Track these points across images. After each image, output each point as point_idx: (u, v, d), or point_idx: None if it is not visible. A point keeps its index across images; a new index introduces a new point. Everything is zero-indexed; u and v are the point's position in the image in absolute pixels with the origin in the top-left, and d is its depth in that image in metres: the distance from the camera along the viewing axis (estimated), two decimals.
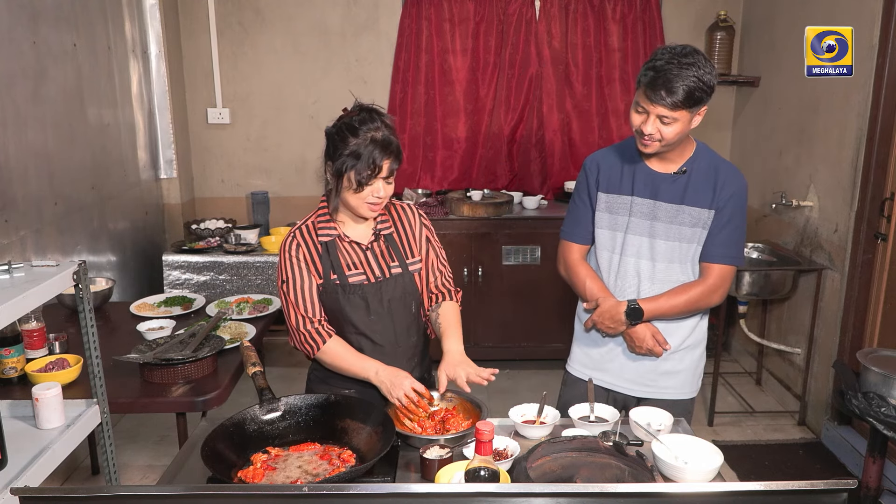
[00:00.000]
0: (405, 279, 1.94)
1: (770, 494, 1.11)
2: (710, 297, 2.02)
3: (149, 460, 3.31)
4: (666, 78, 1.79)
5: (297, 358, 4.52)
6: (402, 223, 2.00)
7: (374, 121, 1.85)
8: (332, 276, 1.89)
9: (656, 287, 2.04)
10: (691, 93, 1.80)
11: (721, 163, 2.04)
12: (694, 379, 2.17)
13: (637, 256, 2.05)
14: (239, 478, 1.59)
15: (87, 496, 1.13)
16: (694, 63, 1.80)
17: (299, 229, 1.94)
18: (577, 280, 2.14)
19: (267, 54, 4.35)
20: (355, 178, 1.81)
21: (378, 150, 1.80)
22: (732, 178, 2.01)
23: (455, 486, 1.40)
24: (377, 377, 1.83)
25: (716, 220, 1.99)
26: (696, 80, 1.79)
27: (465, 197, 4.19)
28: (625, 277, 2.07)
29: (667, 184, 2.00)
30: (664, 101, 1.81)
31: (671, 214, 2.00)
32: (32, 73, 2.88)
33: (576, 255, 2.16)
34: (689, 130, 1.93)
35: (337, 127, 1.89)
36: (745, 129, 4.40)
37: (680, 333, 2.10)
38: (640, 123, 1.89)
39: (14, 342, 2.25)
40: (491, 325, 4.10)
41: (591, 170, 2.12)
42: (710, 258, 2.02)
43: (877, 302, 3.21)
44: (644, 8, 4.24)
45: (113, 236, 3.63)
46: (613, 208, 2.07)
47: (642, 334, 2.05)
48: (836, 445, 3.41)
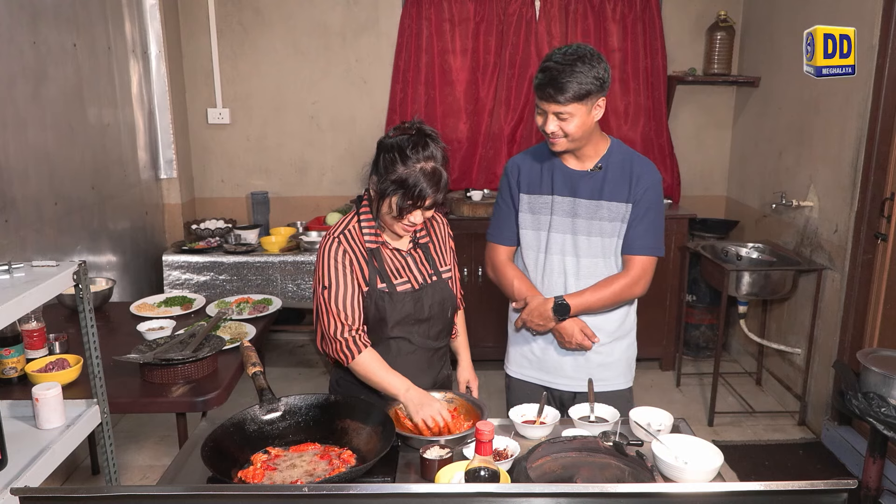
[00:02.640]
0: (443, 286, 1.98)
1: (770, 494, 1.11)
2: (633, 289, 2.06)
3: (149, 460, 3.31)
4: (552, 76, 1.88)
5: (297, 358, 4.52)
6: (435, 232, 2.04)
7: (427, 148, 1.78)
8: (381, 285, 1.88)
9: (582, 282, 2.08)
10: (578, 87, 1.87)
11: (635, 157, 2.08)
12: (627, 369, 2.21)
13: (562, 254, 2.09)
14: (239, 478, 1.59)
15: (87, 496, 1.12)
16: (579, 59, 1.88)
17: (343, 234, 1.89)
18: (505, 281, 2.18)
19: (267, 54, 4.35)
20: (396, 206, 1.79)
21: (425, 184, 1.76)
22: (647, 172, 2.04)
23: (455, 486, 1.40)
24: (406, 395, 1.83)
25: (633, 213, 2.03)
26: (581, 76, 1.87)
27: (465, 197, 4.19)
28: (551, 275, 2.11)
29: (584, 181, 2.05)
30: (554, 98, 1.90)
31: (591, 210, 2.04)
32: (32, 73, 2.88)
33: (503, 257, 2.21)
34: (596, 125, 1.99)
35: (388, 145, 1.80)
36: (745, 129, 4.40)
37: (608, 326, 2.14)
38: (542, 124, 1.98)
39: (14, 342, 2.25)
40: (491, 325, 4.10)
41: (512, 172, 2.17)
42: (630, 250, 2.06)
43: (877, 302, 3.22)
44: (644, 8, 4.24)
45: (113, 236, 3.62)
46: (535, 208, 2.12)
47: (570, 329, 2.08)
48: (836, 445, 3.41)
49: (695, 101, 4.52)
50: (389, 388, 1.85)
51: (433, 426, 1.79)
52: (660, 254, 2.08)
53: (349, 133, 4.46)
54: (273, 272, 3.80)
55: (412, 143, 1.78)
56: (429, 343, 1.98)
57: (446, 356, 2.12)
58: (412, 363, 1.95)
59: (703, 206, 4.53)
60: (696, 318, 4.38)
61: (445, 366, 2.11)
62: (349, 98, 4.42)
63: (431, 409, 1.81)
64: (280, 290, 3.78)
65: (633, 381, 2.24)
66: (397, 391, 1.84)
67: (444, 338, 2.05)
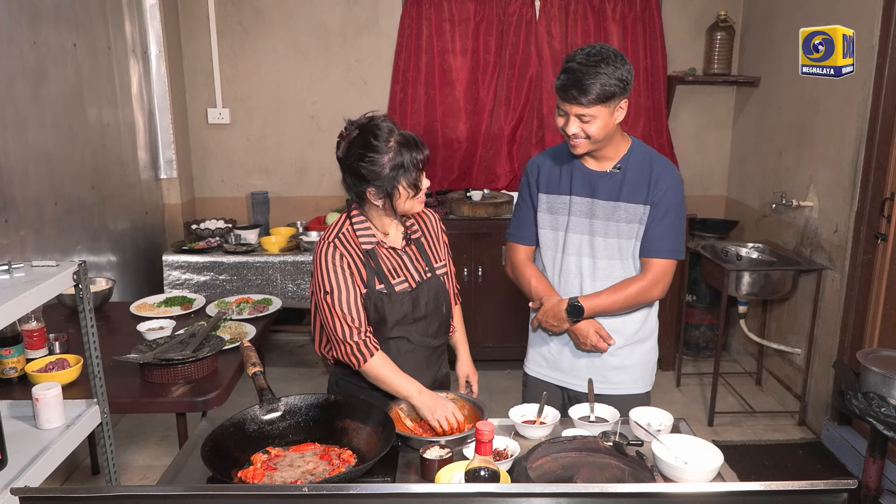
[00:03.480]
0: (437, 282, 1.98)
1: (770, 494, 1.11)
2: (650, 292, 2.04)
3: (149, 460, 3.31)
4: (576, 78, 1.86)
5: (297, 358, 4.52)
6: (428, 228, 2.03)
7: (381, 129, 1.80)
8: (378, 286, 1.87)
9: (598, 284, 2.06)
10: (602, 89, 1.85)
11: (655, 158, 2.05)
12: (646, 373, 2.19)
13: (578, 254, 2.08)
14: (239, 478, 1.59)
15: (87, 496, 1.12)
16: (603, 60, 1.85)
17: (337, 238, 1.88)
18: (524, 280, 2.18)
19: (267, 54, 4.35)
20: (409, 185, 1.81)
21: (413, 149, 1.80)
22: (666, 173, 2.02)
23: (455, 486, 1.40)
24: (419, 397, 1.84)
25: (652, 215, 2.00)
26: (605, 77, 1.85)
27: (465, 197, 4.19)
28: (567, 276, 2.10)
29: (603, 181, 2.03)
30: (577, 100, 1.87)
31: (608, 211, 2.03)
32: (32, 73, 2.88)
33: (521, 256, 2.20)
34: (617, 126, 1.97)
35: (354, 156, 1.80)
36: (745, 129, 4.40)
37: (628, 328, 2.12)
38: (563, 125, 1.95)
39: (14, 342, 2.25)
40: (491, 325, 4.10)
41: (531, 172, 2.16)
42: (649, 253, 2.03)
43: (877, 302, 3.21)
44: (644, 8, 4.24)
45: (113, 236, 3.62)
46: (554, 208, 2.10)
47: (585, 331, 2.07)
48: (836, 445, 3.41)
49: (695, 101, 4.52)
50: (401, 391, 1.86)
51: (448, 427, 1.81)
52: (679, 257, 2.05)
53: None
54: (273, 272, 3.80)
55: (369, 136, 1.78)
56: (427, 341, 1.98)
57: (444, 355, 2.12)
58: (411, 362, 1.95)
59: (703, 206, 4.53)
60: (696, 318, 4.38)
61: (444, 364, 2.12)
62: (349, 98, 4.42)
63: (446, 410, 1.82)
64: (280, 290, 3.79)
65: (651, 386, 2.21)
66: (409, 394, 1.85)
67: (442, 335, 2.05)
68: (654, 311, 2.19)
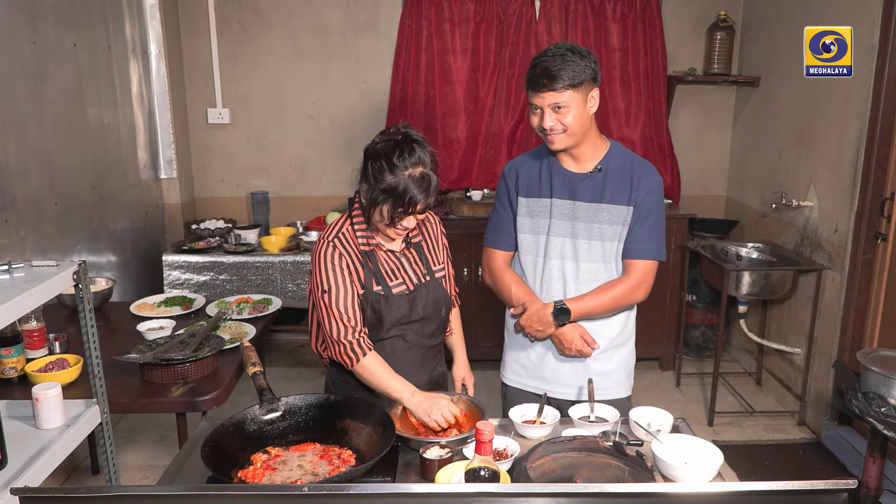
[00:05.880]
0: (436, 285, 1.97)
1: (770, 494, 1.11)
2: (634, 293, 2.03)
3: (149, 460, 3.31)
4: (544, 67, 1.88)
5: (297, 358, 4.52)
6: (428, 232, 2.02)
7: (414, 154, 1.76)
8: (376, 287, 1.87)
9: (581, 287, 2.04)
10: (572, 74, 1.87)
11: (635, 159, 2.05)
12: (626, 377, 2.18)
13: (561, 258, 2.06)
14: (239, 478, 1.59)
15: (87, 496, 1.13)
16: (569, 50, 1.89)
17: (337, 238, 1.88)
18: (503, 286, 2.15)
19: (267, 54, 4.35)
20: (388, 214, 1.78)
21: (415, 191, 1.75)
22: (648, 174, 2.01)
23: (455, 486, 1.40)
24: (412, 399, 1.82)
25: (634, 216, 2.00)
26: (573, 64, 1.87)
27: (465, 197, 4.19)
28: (550, 280, 2.08)
29: (584, 183, 2.02)
30: (549, 87, 1.88)
31: (591, 213, 2.01)
32: (32, 73, 2.88)
33: (500, 262, 2.18)
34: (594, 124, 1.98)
35: (375, 153, 1.79)
36: (745, 129, 4.40)
37: (608, 332, 2.10)
38: (538, 122, 1.95)
39: (14, 342, 2.25)
40: (491, 326, 4.09)
41: (509, 176, 2.14)
42: (631, 254, 2.02)
43: (877, 302, 3.21)
44: (644, 8, 4.24)
45: (113, 236, 3.62)
46: (534, 212, 2.08)
47: (570, 335, 2.05)
48: (836, 445, 3.41)
49: (695, 101, 4.52)
50: (393, 392, 1.85)
51: (445, 424, 1.80)
52: (661, 258, 2.04)
53: (349, 133, 4.46)
54: (273, 272, 3.80)
55: (399, 150, 1.75)
56: (423, 341, 1.98)
57: (440, 354, 2.11)
58: (407, 361, 1.95)
59: (702, 205, 4.53)
60: (696, 318, 4.38)
61: (440, 364, 2.11)
62: (349, 98, 4.42)
63: (441, 409, 1.81)
64: (280, 290, 3.79)
65: (631, 391, 2.20)
66: (401, 396, 1.84)
67: (438, 336, 2.04)
68: (633, 315, 2.17)
